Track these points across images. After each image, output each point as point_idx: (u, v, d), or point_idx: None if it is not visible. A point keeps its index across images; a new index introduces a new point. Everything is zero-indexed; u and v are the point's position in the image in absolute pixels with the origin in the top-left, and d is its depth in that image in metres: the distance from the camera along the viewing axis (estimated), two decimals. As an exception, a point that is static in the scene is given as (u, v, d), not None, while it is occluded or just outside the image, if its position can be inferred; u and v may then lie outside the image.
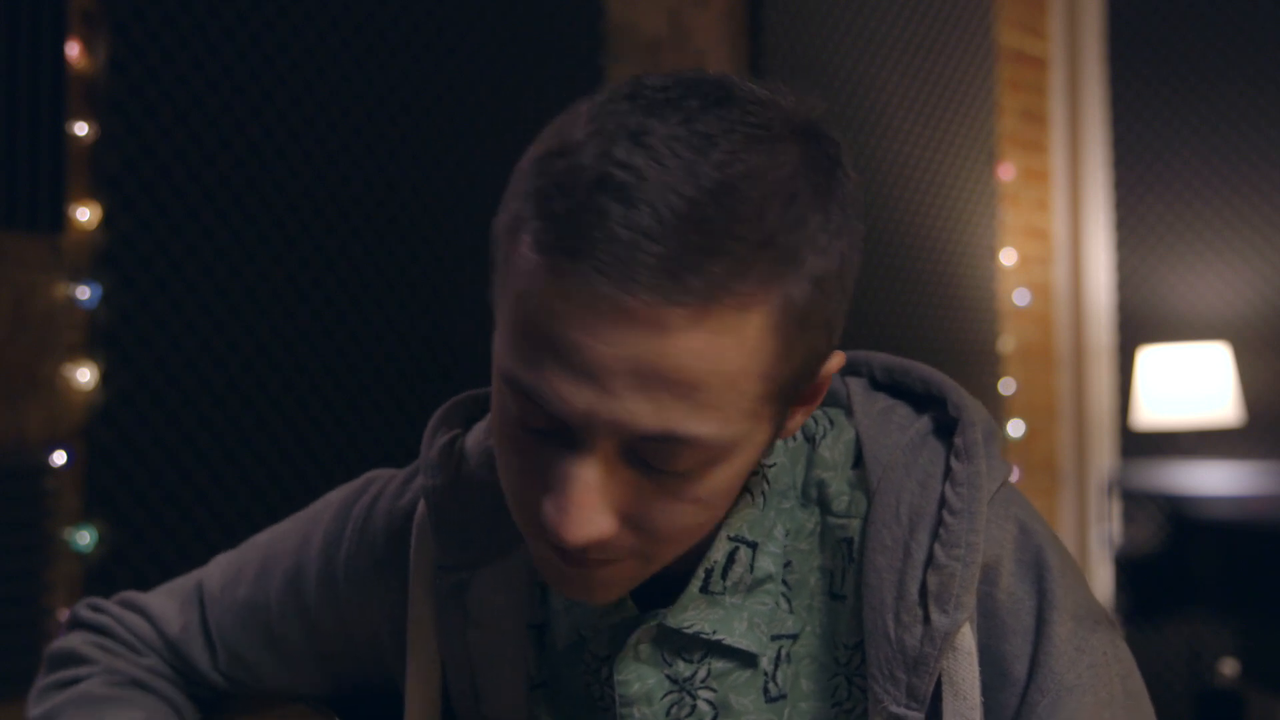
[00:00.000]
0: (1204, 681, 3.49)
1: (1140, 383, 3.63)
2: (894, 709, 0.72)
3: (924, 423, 0.78)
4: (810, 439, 0.79)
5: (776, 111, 0.66)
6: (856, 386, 0.81)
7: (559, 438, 0.66)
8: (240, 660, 0.95)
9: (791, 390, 0.68)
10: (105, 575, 1.93)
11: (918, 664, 0.71)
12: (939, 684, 0.72)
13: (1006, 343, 3.90)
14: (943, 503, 0.74)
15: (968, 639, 0.72)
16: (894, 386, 0.82)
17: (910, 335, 3.51)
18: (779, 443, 0.78)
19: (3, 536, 1.85)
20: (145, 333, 2.00)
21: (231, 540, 1.01)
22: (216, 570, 0.98)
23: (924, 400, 0.80)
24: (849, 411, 0.80)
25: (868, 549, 0.74)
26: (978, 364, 3.76)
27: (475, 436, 0.88)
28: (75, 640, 0.98)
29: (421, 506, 0.86)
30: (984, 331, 3.81)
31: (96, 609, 1.00)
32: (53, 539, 1.89)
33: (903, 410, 0.79)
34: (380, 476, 0.94)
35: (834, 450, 0.78)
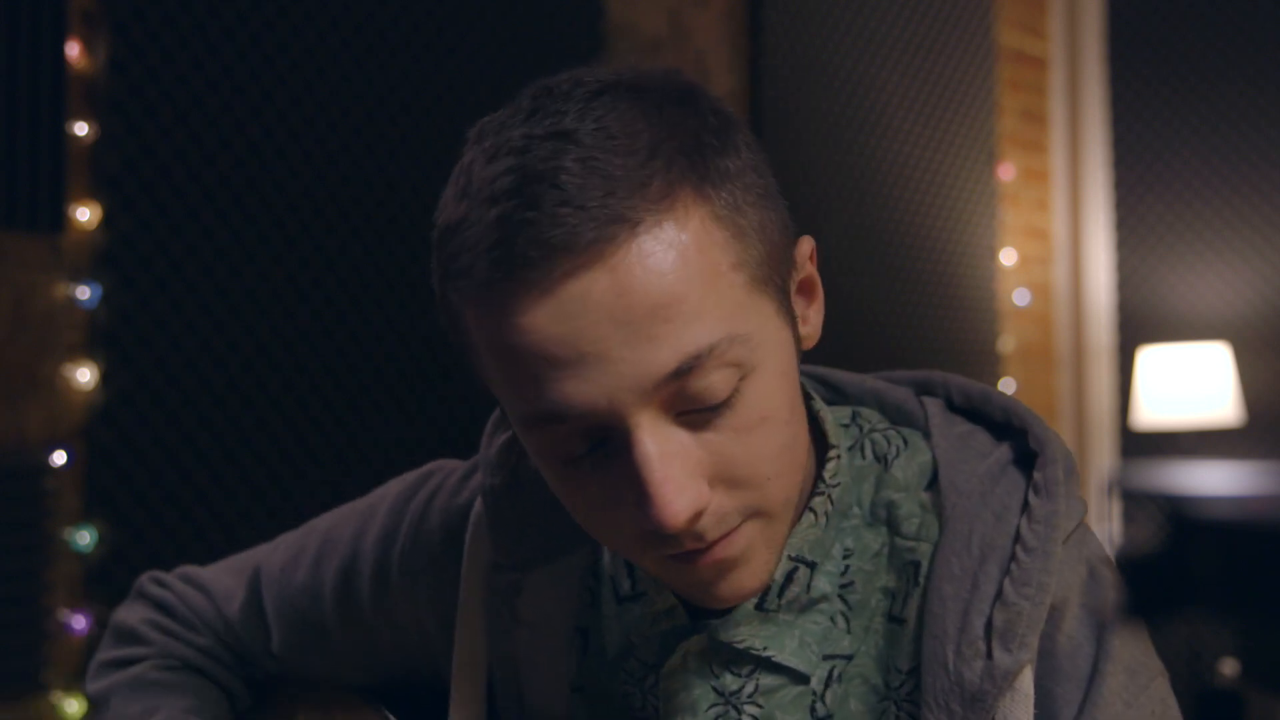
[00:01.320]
0: (1204, 681, 3.49)
1: (1140, 383, 3.63)
2: None
3: (1003, 452, 0.76)
4: (882, 458, 0.78)
5: (628, 78, 0.68)
6: (934, 408, 0.80)
7: (605, 447, 0.66)
8: (292, 645, 0.96)
9: (776, 276, 0.69)
10: (105, 575, 1.93)
11: (975, 700, 0.70)
12: None
13: (1006, 343, 3.90)
14: (1017, 538, 0.72)
15: (1027, 681, 0.71)
16: (971, 412, 0.80)
17: (910, 335, 3.51)
18: (844, 461, 0.77)
19: (3, 536, 1.85)
20: (145, 333, 2.00)
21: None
22: (276, 552, 0.98)
23: (1002, 429, 0.78)
24: (926, 433, 0.79)
25: (935, 575, 0.73)
26: (978, 364, 3.76)
27: None
28: (136, 616, 1.00)
29: (478, 504, 0.85)
30: (984, 331, 3.81)
31: (160, 583, 1.01)
32: (53, 539, 1.89)
33: (981, 437, 0.78)
34: (440, 469, 0.93)
35: (907, 471, 0.77)
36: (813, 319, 0.75)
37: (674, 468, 0.64)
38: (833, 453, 0.77)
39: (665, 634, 0.77)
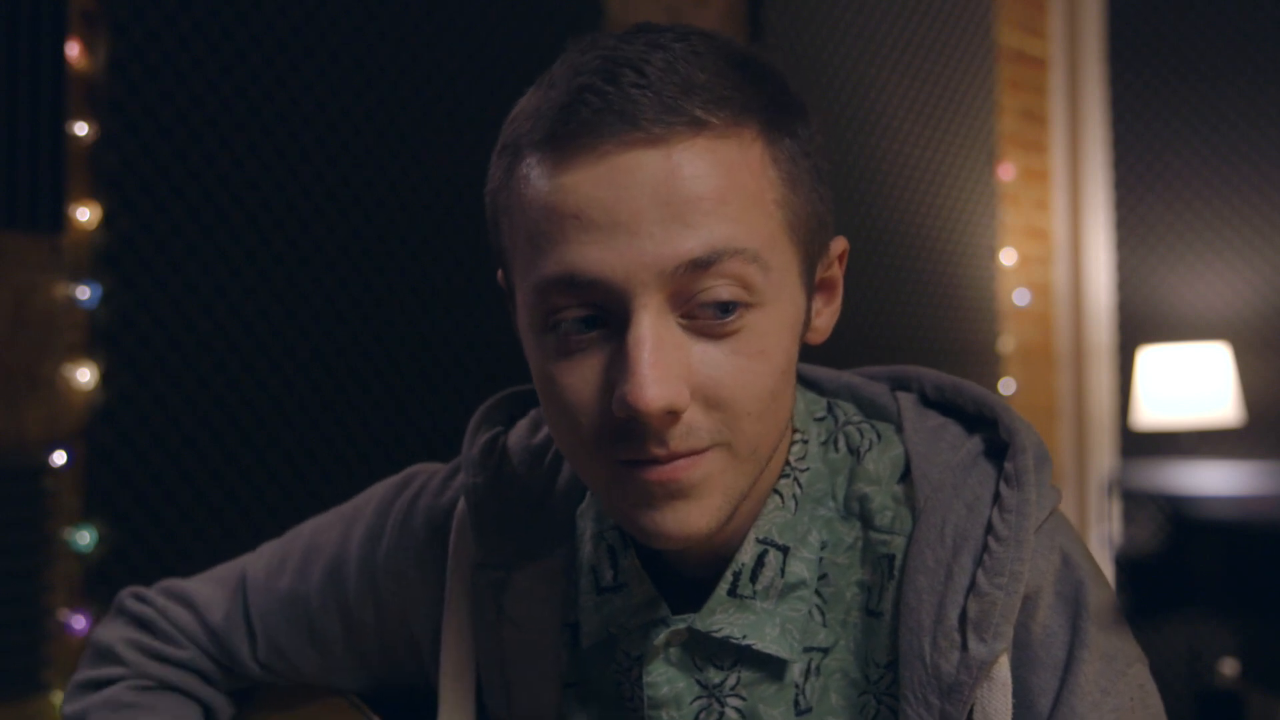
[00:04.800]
0: (1204, 681, 3.49)
1: (1140, 383, 3.63)
2: None
3: (975, 444, 0.77)
4: (855, 451, 0.78)
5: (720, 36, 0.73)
6: (907, 402, 0.81)
7: (607, 324, 0.67)
8: (280, 651, 0.96)
9: (809, 247, 0.71)
10: (105, 575, 1.93)
11: (952, 691, 0.70)
12: (970, 712, 0.71)
13: (1006, 343, 3.90)
14: (989, 528, 0.72)
15: (1004, 670, 0.71)
16: (944, 405, 0.81)
17: (910, 335, 3.51)
18: (816, 449, 0.78)
19: (3, 536, 1.85)
20: (145, 333, 2.00)
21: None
22: (260, 559, 0.98)
23: (975, 421, 0.79)
24: (899, 427, 0.79)
25: (909, 568, 0.73)
26: (978, 364, 3.76)
27: (517, 434, 0.88)
28: (115, 634, 0.99)
29: (462, 504, 0.86)
30: (984, 331, 3.81)
31: (141, 599, 1.00)
32: (53, 539, 1.89)
33: (954, 429, 0.78)
34: (423, 471, 0.94)
35: (879, 464, 0.78)
36: (825, 316, 0.76)
37: (665, 354, 0.65)
38: (798, 436, 0.78)
39: (646, 626, 0.77)
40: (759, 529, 0.75)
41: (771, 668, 0.75)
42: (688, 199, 0.64)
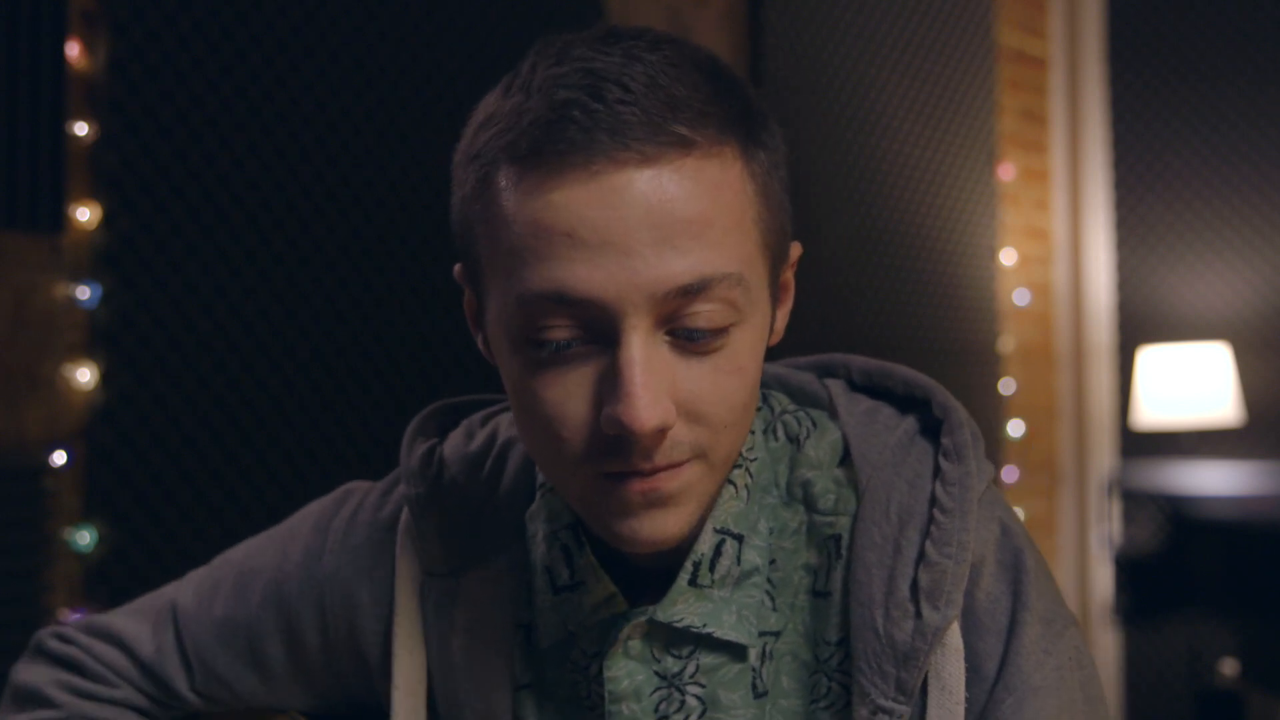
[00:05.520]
0: (1204, 681, 3.49)
1: (1140, 383, 3.63)
2: (881, 701, 0.72)
3: (910, 423, 0.79)
4: (794, 439, 0.80)
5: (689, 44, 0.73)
6: (837, 388, 0.83)
7: (593, 342, 0.67)
8: (218, 678, 0.94)
9: (775, 257, 0.72)
10: (105, 575, 1.93)
11: (907, 658, 0.72)
12: (925, 679, 0.73)
13: (1006, 343, 3.90)
14: (933, 501, 0.75)
15: (956, 636, 0.73)
16: (873, 389, 0.83)
17: (910, 335, 3.51)
18: (760, 439, 0.79)
19: (3, 536, 1.85)
20: (145, 333, 2.00)
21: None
22: (189, 587, 0.96)
23: (904, 401, 0.82)
24: (832, 413, 0.81)
25: (856, 546, 0.75)
26: (978, 364, 3.76)
27: (453, 444, 0.89)
28: (41, 677, 0.95)
29: (405, 515, 0.86)
30: (984, 331, 3.81)
31: (64, 639, 0.97)
32: (53, 539, 1.89)
33: (886, 411, 0.81)
34: (358, 489, 0.94)
35: (819, 449, 0.80)
36: (780, 319, 0.77)
37: (655, 376, 0.66)
38: None
39: (604, 623, 0.78)
40: (716, 519, 0.76)
41: (729, 653, 0.77)
42: (678, 222, 0.65)
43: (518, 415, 0.72)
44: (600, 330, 0.66)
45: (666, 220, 0.64)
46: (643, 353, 0.66)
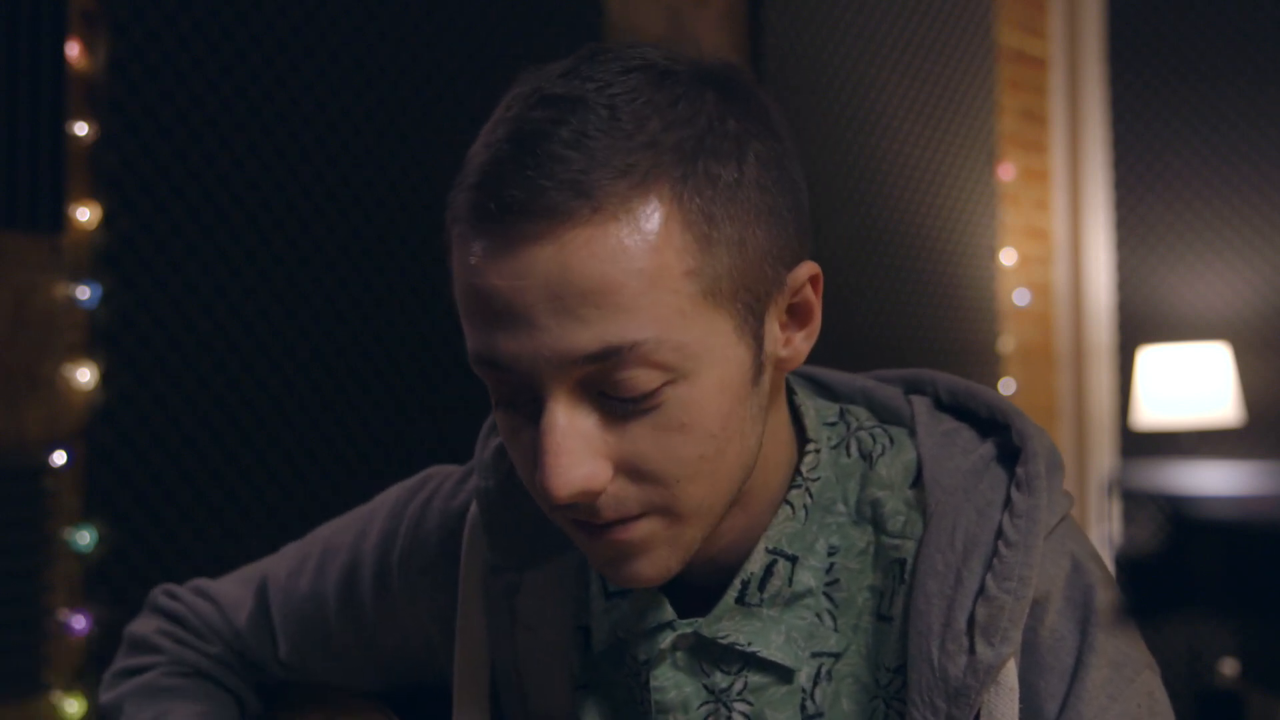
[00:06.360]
0: (1204, 681, 3.49)
1: (1140, 383, 3.63)
2: None
3: (987, 449, 0.77)
4: (867, 456, 0.78)
5: (672, 63, 0.69)
6: (921, 406, 0.81)
7: (529, 406, 0.68)
8: (299, 652, 0.97)
9: (746, 294, 0.68)
10: (105, 575, 1.93)
11: (959, 695, 0.70)
12: (977, 716, 0.71)
13: (1006, 343, 3.90)
14: (999, 533, 0.72)
15: (1011, 675, 0.71)
16: (958, 409, 0.81)
17: (910, 335, 3.51)
18: (827, 457, 0.78)
19: (3, 536, 1.85)
20: (145, 333, 2.00)
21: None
22: (283, 560, 1.00)
23: (988, 425, 0.79)
24: (912, 431, 0.79)
25: (919, 571, 0.73)
26: (978, 364, 3.76)
27: None
28: (149, 627, 1.02)
29: (474, 507, 0.86)
30: (984, 331, 3.81)
31: (172, 595, 1.03)
32: (53, 539, 1.89)
33: (967, 434, 0.78)
34: (437, 474, 0.94)
35: (891, 469, 0.77)
36: (798, 344, 0.74)
37: (573, 442, 0.66)
38: (810, 447, 0.78)
39: (652, 630, 0.77)
40: (769, 539, 0.75)
41: (778, 673, 0.76)
42: (578, 293, 0.63)
43: (505, 445, 0.74)
44: (531, 393, 0.67)
45: (566, 291, 0.63)
46: (562, 420, 0.65)
